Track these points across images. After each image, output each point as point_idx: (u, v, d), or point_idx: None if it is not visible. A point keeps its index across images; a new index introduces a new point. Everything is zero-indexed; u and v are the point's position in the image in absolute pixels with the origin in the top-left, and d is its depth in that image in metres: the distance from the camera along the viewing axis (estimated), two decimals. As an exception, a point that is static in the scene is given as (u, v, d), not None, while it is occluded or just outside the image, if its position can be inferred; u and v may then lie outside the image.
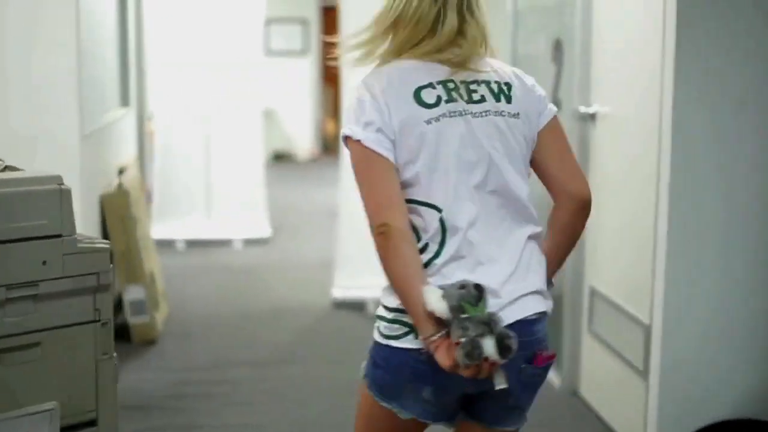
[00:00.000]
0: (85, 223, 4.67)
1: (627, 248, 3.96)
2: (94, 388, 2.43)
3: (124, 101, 6.43)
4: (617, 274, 4.07)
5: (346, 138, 2.03)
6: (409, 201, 2.04)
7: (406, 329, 2.03)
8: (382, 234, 1.97)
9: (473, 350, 1.85)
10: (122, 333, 5.18)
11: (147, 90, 7.41)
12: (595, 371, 4.29)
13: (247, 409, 4.31)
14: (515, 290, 2.05)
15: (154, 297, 5.24)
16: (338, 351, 5.17)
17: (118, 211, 5.01)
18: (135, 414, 4.21)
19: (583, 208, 2.16)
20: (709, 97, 3.33)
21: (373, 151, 1.99)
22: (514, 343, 1.89)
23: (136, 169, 6.01)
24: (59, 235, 2.36)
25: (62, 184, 2.39)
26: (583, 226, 2.20)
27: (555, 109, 2.20)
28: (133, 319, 5.08)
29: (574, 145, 4.32)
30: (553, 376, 4.59)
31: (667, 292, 3.43)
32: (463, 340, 1.86)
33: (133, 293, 5.05)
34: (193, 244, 7.59)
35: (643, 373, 3.66)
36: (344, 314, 5.86)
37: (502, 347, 1.88)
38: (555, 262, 2.19)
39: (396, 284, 1.98)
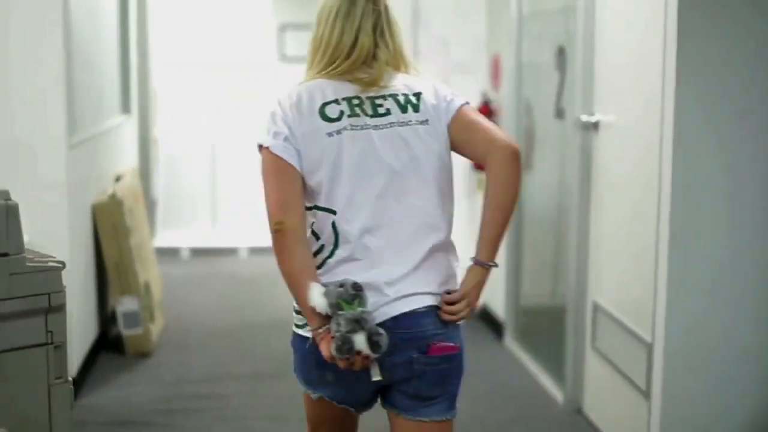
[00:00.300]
0: (77, 233, 4.56)
1: (629, 262, 3.80)
2: (47, 413, 2.31)
3: (125, 108, 6.33)
4: (620, 290, 3.92)
5: (259, 146, 2.23)
6: (314, 207, 2.23)
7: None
8: (277, 232, 2.16)
9: (343, 345, 2.06)
10: (116, 345, 5.07)
11: (151, 96, 7.31)
12: (598, 389, 4.13)
13: (237, 424, 4.19)
14: (403, 289, 2.20)
15: (150, 308, 5.12)
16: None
17: (111, 221, 4.90)
18: (121, 429, 4.09)
19: (512, 156, 2.24)
20: (712, 106, 3.20)
21: (279, 157, 2.18)
22: (382, 340, 2.08)
23: (134, 176, 5.90)
24: (5, 254, 2.24)
25: (9, 199, 2.27)
26: (516, 178, 2.26)
27: (462, 102, 2.31)
28: (126, 331, 4.96)
29: (576, 155, 4.18)
30: (556, 393, 4.44)
31: (669, 309, 3.29)
32: (337, 334, 2.07)
33: (126, 305, 4.94)
34: (198, 252, 7.48)
35: (646, 393, 3.51)
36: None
37: (372, 343, 2.06)
38: (494, 233, 2.28)
39: (287, 280, 2.20)
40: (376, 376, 2.15)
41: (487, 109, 5.45)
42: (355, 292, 2.10)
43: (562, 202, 4.53)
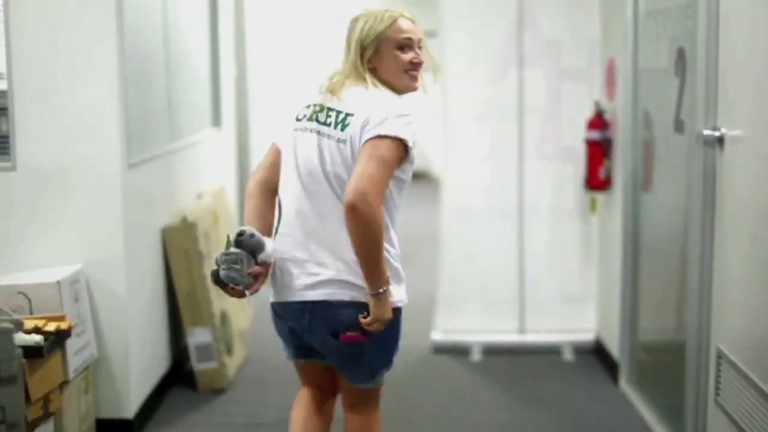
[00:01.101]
0: (141, 259, 4.20)
1: (760, 305, 3.16)
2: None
3: (215, 121, 5.97)
4: (748, 337, 3.27)
5: None
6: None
7: None
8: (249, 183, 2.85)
9: (210, 276, 2.70)
10: (188, 380, 4.68)
11: (249, 107, 6.96)
12: (723, 452, 3.49)
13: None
14: (321, 274, 2.70)
15: (227, 340, 4.72)
16: (437, 403, 4.53)
17: (181, 246, 4.52)
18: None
19: (348, 209, 2.55)
20: None
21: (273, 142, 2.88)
22: (224, 277, 2.65)
23: (219, 195, 5.52)
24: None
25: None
26: (353, 228, 2.57)
27: (377, 132, 2.61)
28: (198, 366, 4.57)
29: (697, 175, 3.56)
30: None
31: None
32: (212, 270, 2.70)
33: (198, 336, 4.54)
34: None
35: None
36: (445, 360, 5.20)
37: (218, 279, 2.67)
38: (366, 270, 2.63)
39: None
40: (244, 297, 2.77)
41: (599, 122, 4.85)
42: (231, 238, 2.66)
43: (685, 228, 3.89)
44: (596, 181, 4.91)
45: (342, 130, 2.65)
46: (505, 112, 5.16)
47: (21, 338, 2.87)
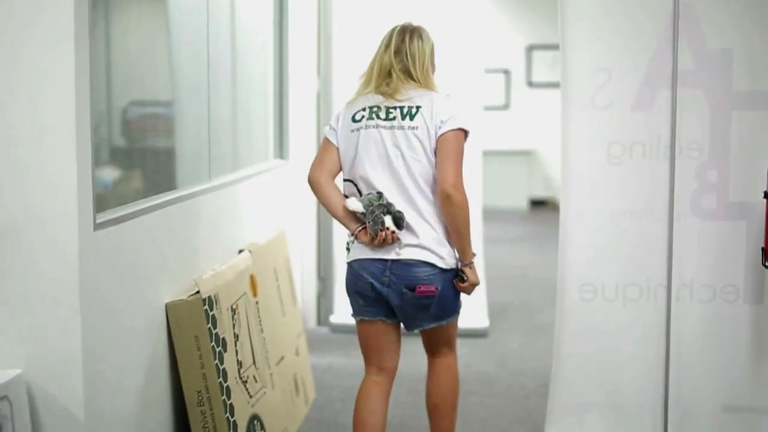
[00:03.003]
0: (127, 358, 2.99)
1: None
2: None
3: (279, 151, 4.76)
4: None
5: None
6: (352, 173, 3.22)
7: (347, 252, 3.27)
8: (310, 182, 3.23)
9: (375, 223, 3.04)
10: None
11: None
12: None
13: None
14: (411, 239, 3.17)
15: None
16: None
17: (189, 331, 3.28)
18: None
19: (445, 198, 3.10)
20: None
21: (326, 138, 3.26)
22: (403, 218, 3.09)
23: (269, 248, 4.28)
24: None
25: None
26: (450, 213, 3.13)
27: (453, 126, 3.12)
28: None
29: None
30: None
31: None
32: (371, 217, 3.06)
33: (213, 456, 3.29)
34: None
35: None
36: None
37: (396, 219, 3.07)
38: (453, 239, 3.20)
39: (329, 209, 3.21)
40: (400, 251, 3.10)
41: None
42: (378, 194, 3.10)
43: None
44: (780, 250, 3.47)
45: (411, 119, 3.12)
46: (651, 149, 3.75)
47: None
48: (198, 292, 3.31)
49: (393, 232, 3.04)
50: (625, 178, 3.77)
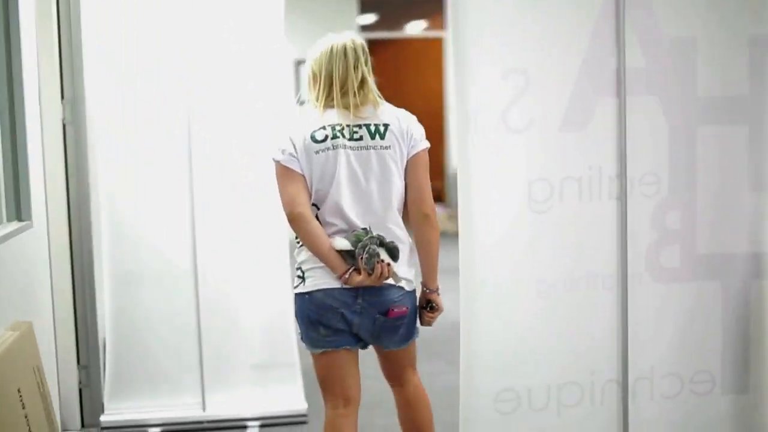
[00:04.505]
0: None
1: None
2: None
3: (16, 211, 3.26)
4: None
5: (275, 161, 2.95)
6: (317, 196, 2.97)
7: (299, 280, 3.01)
8: (291, 220, 2.93)
9: (371, 257, 2.81)
10: None
11: (95, 164, 4.23)
12: None
13: None
14: None
15: None
16: None
17: None
18: None
19: (424, 219, 2.94)
20: None
21: (285, 168, 2.94)
22: (397, 249, 2.87)
23: (15, 356, 2.79)
24: None
25: None
26: (428, 235, 2.95)
27: (424, 146, 2.90)
28: None
29: None
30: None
31: None
32: (364, 253, 2.81)
33: None
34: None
35: None
36: None
37: (390, 250, 2.85)
38: (423, 263, 3.01)
39: (313, 248, 2.92)
40: (398, 282, 2.87)
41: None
42: (364, 229, 2.86)
43: None
44: None
45: (382, 138, 2.91)
46: (589, 186, 2.59)
47: None
48: None
49: (389, 264, 2.85)
50: (555, 233, 2.59)
